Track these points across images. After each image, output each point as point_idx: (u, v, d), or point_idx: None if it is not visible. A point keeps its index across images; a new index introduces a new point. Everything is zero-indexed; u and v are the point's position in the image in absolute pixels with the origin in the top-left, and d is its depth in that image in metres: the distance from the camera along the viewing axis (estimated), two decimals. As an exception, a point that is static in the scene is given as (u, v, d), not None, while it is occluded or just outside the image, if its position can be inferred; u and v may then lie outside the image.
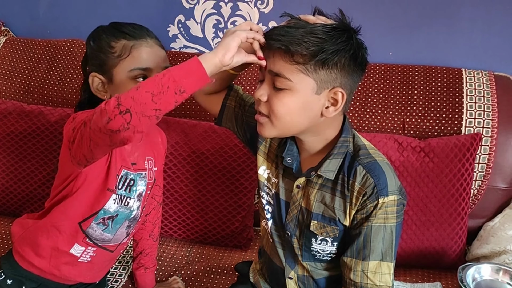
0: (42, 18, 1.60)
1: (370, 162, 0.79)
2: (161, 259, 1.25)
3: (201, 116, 1.39)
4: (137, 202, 0.97)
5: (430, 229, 1.20)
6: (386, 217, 0.78)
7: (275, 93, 0.76)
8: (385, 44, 1.43)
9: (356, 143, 0.83)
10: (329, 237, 0.82)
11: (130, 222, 0.99)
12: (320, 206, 0.82)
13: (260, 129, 0.80)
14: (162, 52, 0.94)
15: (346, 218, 0.80)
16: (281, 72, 0.74)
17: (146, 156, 0.98)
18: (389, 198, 0.77)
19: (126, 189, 0.93)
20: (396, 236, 0.79)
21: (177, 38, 1.55)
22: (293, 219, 0.86)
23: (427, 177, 1.20)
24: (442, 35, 1.41)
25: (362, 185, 0.78)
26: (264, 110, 0.78)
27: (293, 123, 0.78)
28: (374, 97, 1.35)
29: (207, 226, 1.30)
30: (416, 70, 1.38)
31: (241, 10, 1.49)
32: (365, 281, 0.79)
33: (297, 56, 0.73)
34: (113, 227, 0.96)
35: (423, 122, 1.31)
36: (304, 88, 0.75)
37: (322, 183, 0.82)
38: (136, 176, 0.95)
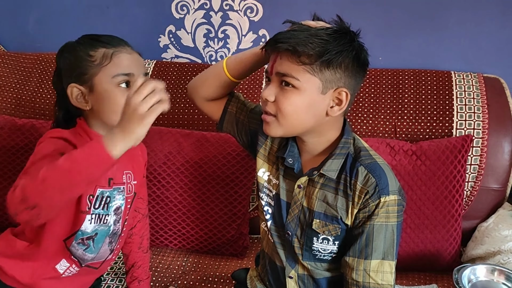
0: (32, 32, 1.60)
1: (371, 163, 0.82)
2: (157, 270, 1.25)
3: (193, 126, 1.39)
4: (113, 216, 0.95)
5: (424, 232, 1.20)
6: (387, 216, 0.80)
7: (282, 93, 0.79)
8: (375, 49, 1.42)
9: (357, 145, 0.86)
10: (331, 235, 0.84)
11: (111, 238, 0.97)
12: (322, 205, 0.84)
13: (266, 128, 0.83)
14: (141, 58, 0.94)
15: (348, 217, 0.82)
16: (289, 72, 0.77)
17: (124, 170, 0.97)
18: (390, 198, 0.79)
19: (103, 208, 0.92)
20: (397, 235, 0.81)
21: (168, 48, 1.56)
22: (294, 219, 0.87)
23: (420, 180, 1.20)
24: (431, 39, 1.43)
25: (364, 184, 0.80)
26: (271, 109, 0.80)
27: (299, 122, 0.80)
28: (365, 101, 1.36)
29: (202, 235, 1.30)
30: (406, 74, 1.39)
31: (231, 19, 1.50)
32: (367, 280, 0.80)
33: (303, 56, 0.76)
34: (95, 246, 0.95)
35: (414, 126, 1.32)
36: (310, 87, 0.78)
37: (324, 183, 0.84)
38: (112, 192, 0.94)
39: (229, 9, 1.49)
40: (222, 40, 1.52)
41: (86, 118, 0.94)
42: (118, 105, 0.82)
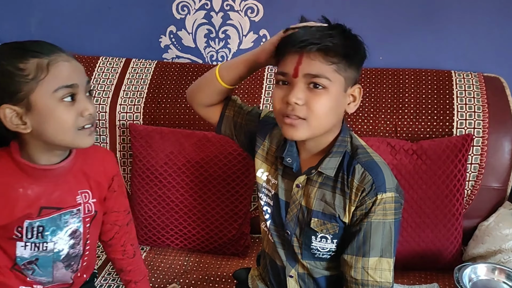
0: (34, 33, 1.61)
1: (368, 161, 0.82)
2: (159, 269, 1.26)
3: (195, 126, 1.40)
4: (69, 241, 0.90)
5: (425, 231, 1.21)
6: (385, 213, 0.80)
7: (312, 95, 0.77)
8: (375, 49, 1.43)
9: (354, 143, 0.86)
10: (329, 234, 0.84)
11: (66, 261, 0.92)
12: (321, 204, 0.84)
13: (292, 132, 0.80)
14: (80, 64, 0.83)
15: (346, 215, 0.82)
16: (321, 73, 0.77)
17: (79, 190, 0.90)
18: (387, 195, 0.79)
19: (37, 237, 0.86)
20: (395, 233, 0.82)
21: (169, 49, 1.56)
22: (293, 218, 0.88)
23: (421, 179, 1.21)
24: (431, 38, 1.43)
25: (361, 182, 0.80)
26: (301, 113, 0.78)
27: (327, 123, 0.81)
28: (366, 101, 1.37)
29: (204, 235, 1.30)
30: (406, 73, 1.40)
31: (232, 19, 1.50)
32: (366, 277, 0.81)
33: (332, 56, 0.76)
34: (42, 270, 0.90)
35: (415, 125, 1.32)
36: (337, 86, 0.79)
37: (322, 181, 0.84)
38: (47, 221, 0.87)
39: (229, 9, 1.49)
40: (223, 41, 1.53)
41: (22, 142, 0.83)
42: (65, 122, 0.78)
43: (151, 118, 1.42)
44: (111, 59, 1.52)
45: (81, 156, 0.89)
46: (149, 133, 1.33)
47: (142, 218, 1.32)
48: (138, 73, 1.49)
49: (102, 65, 1.51)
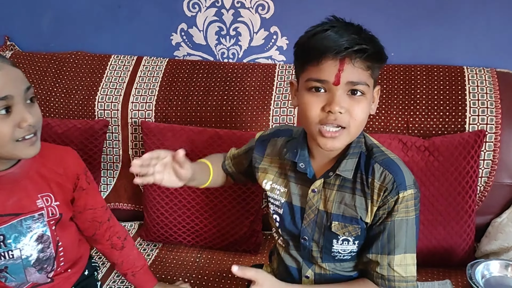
0: (45, 32, 1.62)
1: (385, 159, 0.82)
2: (171, 265, 1.27)
3: (206, 123, 1.40)
4: (36, 246, 0.89)
5: (437, 228, 1.20)
6: (407, 211, 0.81)
7: (353, 103, 0.76)
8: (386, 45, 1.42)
9: (368, 142, 0.86)
10: (351, 236, 0.84)
11: (38, 265, 0.91)
12: (340, 207, 0.84)
13: (332, 143, 0.77)
14: (16, 71, 0.76)
15: (368, 216, 0.83)
16: (362, 80, 0.75)
17: (38, 194, 0.88)
18: (408, 192, 0.80)
19: (0, 246, 0.85)
20: (417, 228, 0.83)
21: (180, 46, 1.57)
22: (310, 224, 0.87)
23: (433, 176, 1.20)
24: (443, 33, 1.42)
25: (382, 181, 0.80)
26: (343, 121, 0.76)
27: (363, 127, 0.81)
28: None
29: (215, 232, 1.31)
30: (418, 69, 1.39)
31: (243, 16, 1.50)
32: (392, 273, 0.82)
33: (370, 62, 0.76)
34: (15, 277, 0.89)
35: (426, 121, 1.31)
36: (371, 90, 0.79)
37: (340, 184, 0.84)
38: (6, 229, 0.85)
39: (240, 6, 1.49)
40: (234, 38, 1.53)
41: None
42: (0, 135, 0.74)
43: (163, 115, 1.43)
44: (122, 57, 1.53)
45: (38, 160, 0.86)
46: (161, 131, 1.34)
47: (154, 215, 1.33)
48: (149, 71, 1.49)
49: (114, 63, 1.52)
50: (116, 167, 1.47)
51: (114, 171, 1.47)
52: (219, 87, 1.44)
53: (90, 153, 1.38)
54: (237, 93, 1.42)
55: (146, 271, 1.07)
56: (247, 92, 1.42)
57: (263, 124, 1.38)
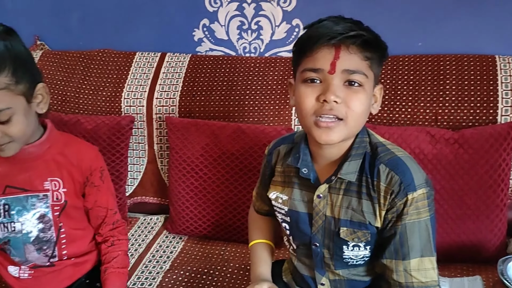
0: (74, 31, 1.67)
1: (391, 159, 0.77)
2: (196, 258, 1.29)
3: (229, 118, 1.41)
4: (37, 224, 0.94)
5: (466, 223, 1.17)
6: (418, 212, 0.76)
7: (350, 93, 0.73)
8: (414, 34, 1.40)
9: (373, 141, 0.81)
10: (361, 242, 0.80)
11: (37, 245, 0.96)
12: (347, 212, 0.79)
13: (327, 134, 0.74)
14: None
15: (377, 220, 0.78)
16: (359, 69, 0.72)
17: (48, 177, 0.94)
18: (418, 193, 0.75)
19: (4, 216, 0.92)
20: (432, 229, 0.77)
21: (203, 42, 1.58)
22: (319, 230, 0.83)
23: (462, 169, 1.16)
24: (473, 21, 1.36)
25: (388, 183, 0.76)
26: (339, 112, 0.73)
27: (362, 123, 0.77)
28: (404, 89, 1.33)
29: (240, 226, 1.32)
30: (447, 59, 1.34)
31: (264, 10, 1.49)
32: (410, 280, 0.77)
33: (369, 51, 0.73)
34: (16, 252, 0.95)
35: (456, 113, 1.27)
36: (370, 84, 0.75)
37: (345, 188, 0.80)
38: (12, 200, 0.92)
39: (262, 0, 1.48)
40: (256, 32, 1.53)
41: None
42: None
43: (187, 110, 1.45)
44: (147, 54, 1.56)
45: (57, 147, 0.95)
46: (185, 126, 1.36)
47: (179, 208, 1.35)
48: (173, 67, 1.51)
49: (139, 60, 1.55)
50: (142, 161, 1.50)
51: (141, 165, 1.50)
52: (242, 81, 1.44)
53: (117, 148, 1.42)
54: (260, 88, 1.42)
55: (118, 274, 1.00)
56: (269, 86, 1.42)
57: (286, 118, 1.38)
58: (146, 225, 1.46)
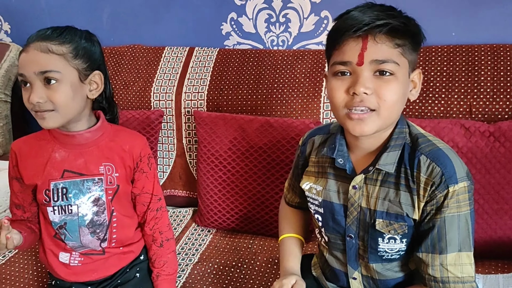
0: (105, 27, 1.71)
1: (432, 150, 0.76)
2: (224, 250, 1.30)
3: (257, 111, 1.41)
4: (92, 207, 0.98)
5: (503, 218, 1.13)
6: (459, 206, 0.74)
7: (380, 83, 0.72)
8: (447, 24, 1.36)
9: (413, 132, 0.80)
10: (398, 234, 0.79)
11: (92, 228, 0.99)
12: (384, 203, 0.79)
13: (361, 126, 0.74)
14: (38, 56, 0.87)
15: (415, 212, 0.77)
16: (389, 57, 0.71)
17: (103, 162, 0.99)
18: (459, 186, 0.73)
19: (62, 199, 0.96)
20: (472, 223, 0.76)
21: (230, 36, 1.58)
22: (354, 221, 0.82)
23: (499, 163, 1.12)
24: (507, 10, 1.31)
25: (429, 175, 0.74)
26: (371, 103, 0.72)
27: (397, 112, 0.75)
28: (437, 81, 1.29)
29: (268, 219, 1.32)
30: (482, 49, 1.29)
31: (293, 2, 1.48)
32: (446, 274, 0.76)
33: (399, 38, 0.72)
34: (72, 235, 0.98)
35: (492, 105, 1.22)
36: (404, 71, 0.74)
37: (383, 179, 0.79)
38: (69, 184, 0.96)
39: (290, -8, 1.47)
40: (284, 25, 1.52)
41: None
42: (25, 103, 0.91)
43: (215, 104, 1.46)
44: (175, 49, 1.57)
45: (110, 134, 1.00)
46: (212, 120, 1.37)
47: (208, 201, 1.37)
48: (201, 61, 1.52)
49: (168, 54, 1.57)
50: (171, 155, 1.52)
51: (170, 159, 1.53)
52: (269, 75, 1.43)
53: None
54: (288, 81, 1.41)
55: (170, 281, 1.06)
56: (297, 79, 1.41)
57: (314, 112, 1.36)
58: (175, 218, 1.48)
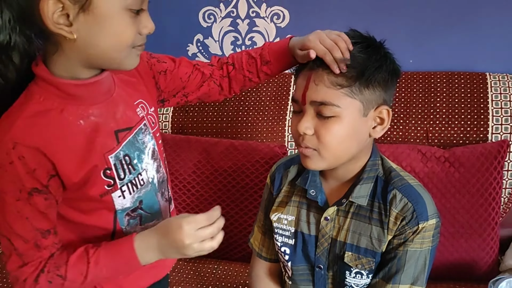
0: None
1: (404, 185, 0.77)
2: (188, 276, 1.27)
3: (222, 134, 1.41)
4: (153, 165, 0.77)
5: (459, 241, 1.17)
6: (422, 242, 0.76)
7: (321, 124, 0.71)
8: (405, 52, 1.41)
9: (386, 165, 0.80)
10: (365, 269, 0.79)
11: (160, 190, 0.80)
12: (354, 236, 0.78)
13: (307, 162, 0.75)
14: None
15: (383, 246, 0.78)
16: (327, 99, 0.70)
17: (133, 102, 0.74)
18: (429, 223, 0.75)
19: (129, 172, 0.72)
20: (430, 260, 0.78)
21: (197, 57, 1.58)
22: (324, 252, 0.82)
23: (454, 187, 1.17)
24: (464, 39, 1.38)
25: (400, 210, 0.75)
26: (311, 143, 0.73)
27: (344, 152, 0.74)
28: (396, 106, 1.34)
29: (232, 243, 1.31)
30: (438, 77, 1.35)
31: (258, 26, 1.50)
32: None
33: (342, 79, 0.70)
34: (151, 212, 0.77)
35: (447, 131, 1.28)
36: (351, 112, 0.71)
37: (354, 211, 0.79)
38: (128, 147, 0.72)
39: (255, 16, 1.49)
40: (250, 47, 1.53)
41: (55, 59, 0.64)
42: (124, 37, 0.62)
43: (179, 127, 1.44)
44: (140, 69, 1.55)
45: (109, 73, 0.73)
46: (177, 143, 1.35)
47: (171, 225, 1.34)
48: (166, 82, 1.51)
49: (132, 75, 1.54)
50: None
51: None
52: (235, 97, 1.44)
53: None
54: (253, 104, 1.42)
55: None
56: (262, 102, 1.42)
57: (279, 135, 1.38)
58: (137, 242, 1.44)
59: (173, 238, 0.67)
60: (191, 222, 0.68)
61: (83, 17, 0.59)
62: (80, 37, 0.61)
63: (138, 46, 0.67)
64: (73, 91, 0.65)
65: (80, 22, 0.60)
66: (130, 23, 0.62)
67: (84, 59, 0.64)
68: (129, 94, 0.75)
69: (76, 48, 0.62)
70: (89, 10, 0.59)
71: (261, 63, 0.85)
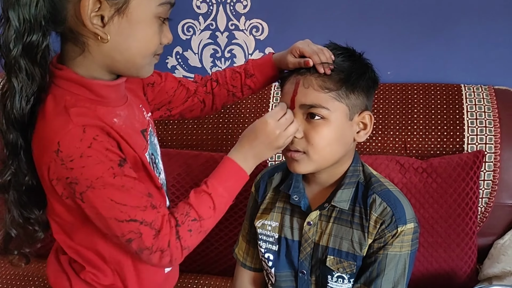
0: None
1: (384, 190, 0.79)
2: (168, 293, 1.25)
3: (202, 146, 1.40)
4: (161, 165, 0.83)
5: (438, 251, 1.18)
6: (402, 246, 0.78)
7: (311, 127, 0.75)
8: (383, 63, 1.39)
9: (366, 171, 0.83)
10: (346, 273, 0.80)
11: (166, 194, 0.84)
12: (336, 240, 0.81)
13: (294, 166, 0.77)
14: None
15: (364, 250, 0.79)
16: (317, 102, 0.74)
17: (138, 105, 0.76)
18: (407, 227, 0.77)
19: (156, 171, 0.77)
20: (410, 264, 0.79)
21: (176, 69, 1.57)
22: (307, 257, 0.84)
23: (431, 198, 1.18)
24: (440, 51, 1.41)
25: (380, 214, 0.78)
26: (300, 146, 0.75)
27: (331, 154, 0.77)
28: (374, 118, 1.33)
29: (213, 257, 1.30)
30: (415, 88, 1.38)
31: (237, 38, 1.51)
32: None
33: (330, 83, 0.74)
34: None
35: (424, 141, 1.30)
36: (339, 115, 0.75)
37: (336, 216, 0.81)
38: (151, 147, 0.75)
39: (234, 29, 1.50)
40: (229, 60, 1.53)
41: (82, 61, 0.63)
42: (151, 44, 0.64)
43: (159, 140, 1.41)
44: (119, 81, 1.54)
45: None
46: (156, 156, 1.34)
47: (151, 240, 1.32)
48: (145, 95, 1.50)
49: (110, 87, 1.53)
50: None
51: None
52: (215, 110, 1.44)
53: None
54: (233, 116, 1.42)
55: None
56: (242, 115, 1.42)
57: (259, 147, 1.37)
58: (116, 257, 1.41)
59: (265, 134, 0.72)
60: (272, 115, 0.72)
61: (117, 19, 0.61)
62: (110, 40, 0.62)
63: (157, 55, 0.69)
64: (104, 92, 0.66)
65: (113, 24, 0.61)
66: (157, 31, 0.64)
67: (108, 62, 0.65)
68: (135, 99, 0.77)
69: (103, 51, 0.63)
70: (124, 13, 0.60)
71: (245, 76, 0.88)
